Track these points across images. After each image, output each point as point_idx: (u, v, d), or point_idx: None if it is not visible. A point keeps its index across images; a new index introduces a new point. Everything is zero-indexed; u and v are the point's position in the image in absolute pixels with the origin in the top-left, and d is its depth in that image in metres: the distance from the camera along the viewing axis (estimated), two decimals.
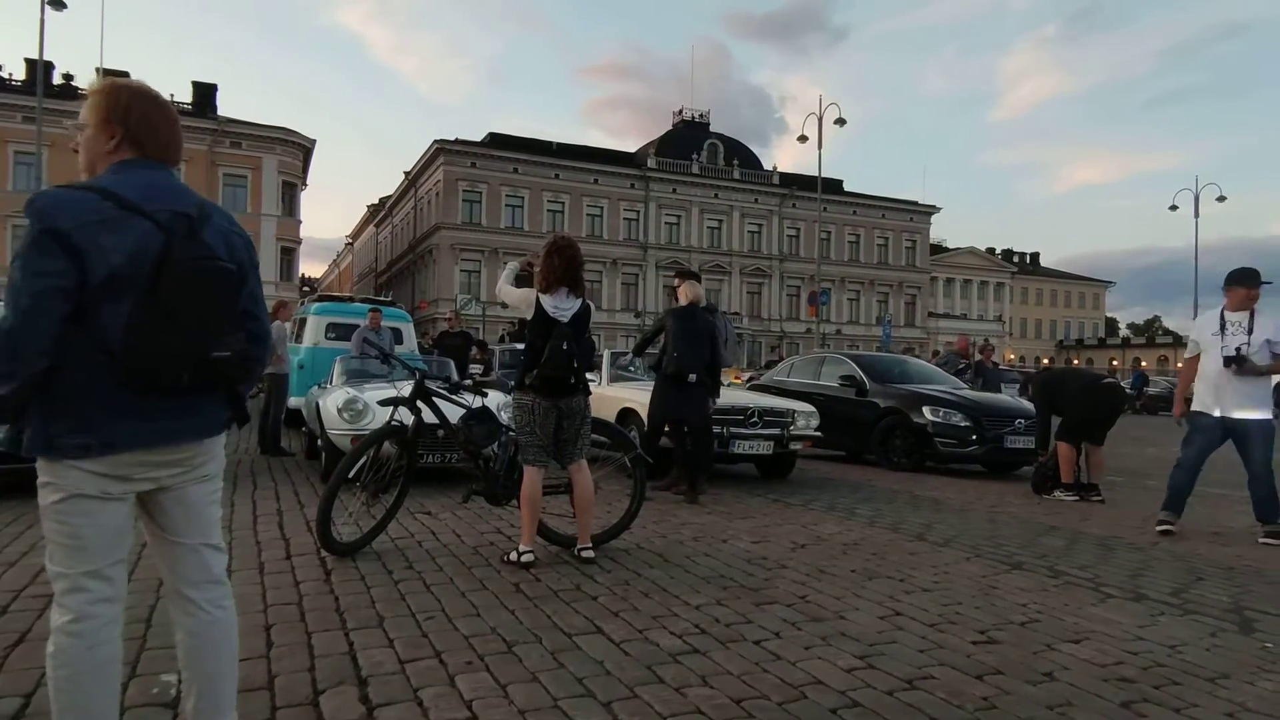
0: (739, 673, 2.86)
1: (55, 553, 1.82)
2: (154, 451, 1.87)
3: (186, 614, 2.02)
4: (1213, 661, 3.17)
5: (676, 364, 6.74)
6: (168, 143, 1.96)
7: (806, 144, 28.81)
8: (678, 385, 6.76)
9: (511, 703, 2.54)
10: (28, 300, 1.68)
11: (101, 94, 1.91)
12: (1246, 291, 5.73)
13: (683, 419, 6.80)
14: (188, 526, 2.00)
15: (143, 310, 1.75)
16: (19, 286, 1.69)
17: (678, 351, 6.75)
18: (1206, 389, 5.80)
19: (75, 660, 1.80)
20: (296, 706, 2.48)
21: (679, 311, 7.02)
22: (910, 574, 4.43)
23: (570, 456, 4.52)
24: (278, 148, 42.34)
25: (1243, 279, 5.78)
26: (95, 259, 1.71)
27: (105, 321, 1.74)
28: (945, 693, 2.74)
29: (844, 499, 7.18)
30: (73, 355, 1.74)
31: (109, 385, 1.77)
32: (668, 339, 6.93)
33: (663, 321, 7.16)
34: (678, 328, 6.88)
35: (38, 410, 1.76)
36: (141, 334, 1.75)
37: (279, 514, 5.60)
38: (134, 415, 1.81)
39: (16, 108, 35.77)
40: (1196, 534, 5.99)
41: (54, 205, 1.73)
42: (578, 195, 51.18)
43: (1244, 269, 5.85)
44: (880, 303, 60.27)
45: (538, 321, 4.41)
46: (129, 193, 1.81)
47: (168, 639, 2.98)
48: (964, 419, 9.30)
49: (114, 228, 1.75)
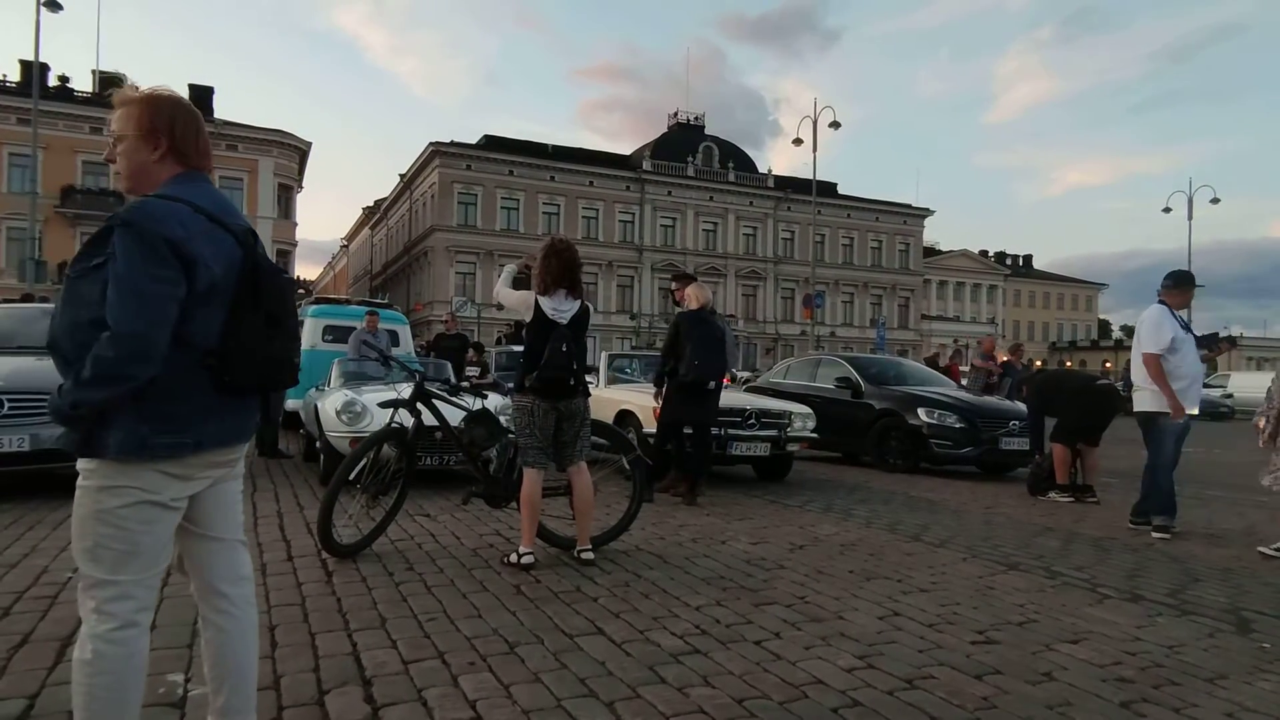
0: (740, 672, 2.88)
1: (104, 558, 1.81)
2: (225, 450, 1.96)
3: (218, 611, 2.05)
4: (1211, 661, 3.19)
5: (698, 372, 6.63)
6: (206, 152, 2.00)
7: (801, 147, 28.92)
8: (693, 391, 6.68)
9: (515, 703, 2.55)
10: (152, 306, 1.72)
11: (142, 104, 1.91)
12: (1185, 293, 6.10)
13: (697, 422, 6.77)
14: (224, 522, 2.06)
15: (250, 317, 1.86)
16: (142, 291, 1.71)
17: (698, 359, 6.61)
18: (1186, 387, 5.82)
19: (117, 668, 1.81)
20: (302, 706, 2.49)
21: (692, 317, 6.86)
22: (908, 574, 4.46)
23: (570, 458, 4.53)
24: (274, 150, 42.29)
25: (1186, 280, 6.10)
26: (201, 268, 1.78)
27: (197, 328, 1.81)
28: (945, 692, 2.76)
29: (841, 500, 7.20)
30: (168, 359, 1.78)
31: (198, 387, 1.84)
32: (683, 345, 6.72)
33: (677, 327, 6.92)
34: (695, 334, 6.72)
35: (130, 412, 1.77)
36: (253, 339, 1.87)
37: (279, 516, 5.60)
38: (216, 415, 1.90)
39: (11, 109, 35.70)
40: (1193, 535, 6.02)
41: (165, 214, 1.77)
42: (573, 198, 51.19)
43: (1184, 271, 6.20)
44: (874, 305, 60.40)
45: (536, 324, 4.43)
46: (207, 206, 1.87)
47: (175, 639, 3.01)
48: (959, 421, 9.34)
49: (211, 239, 1.84)
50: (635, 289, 52.43)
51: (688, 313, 6.93)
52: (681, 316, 6.95)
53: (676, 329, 6.89)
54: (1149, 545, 5.56)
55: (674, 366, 6.77)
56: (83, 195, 38.36)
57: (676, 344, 6.78)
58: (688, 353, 6.66)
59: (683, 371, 6.66)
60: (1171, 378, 5.79)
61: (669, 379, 6.83)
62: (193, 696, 2.52)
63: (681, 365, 6.67)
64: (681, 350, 6.71)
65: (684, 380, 6.67)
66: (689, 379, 6.65)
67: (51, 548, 4.45)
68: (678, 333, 6.83)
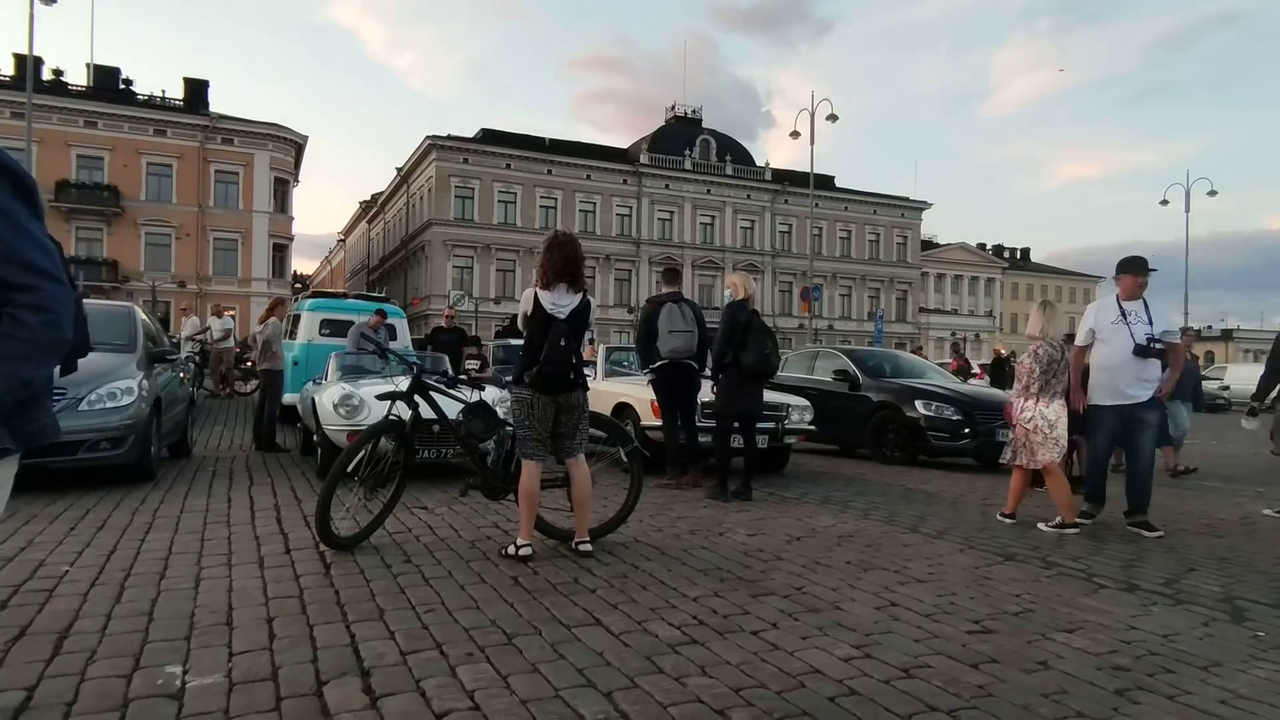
0: (737, 662, 2.89)
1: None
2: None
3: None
4: (1205, 650, 3.21)
5: (767, 360, 6.67)
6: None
7: (798, 140, 28.85)
8: (744, 381, 6.65)
9: (513, 693, 2.56)
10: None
11: None
12: (1135, 279, 5.80)
13: (747, 414, 6.79)
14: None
15: None
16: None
17: (756, 353, 6.57)
18: (1109, 378, 5.73)
19: None
20: (301, 697, 2.49)
21: (743, 306, 6.78)
22: (905, 565, 4.47)
23: (568, 451, 4.53)
24: (270, 144, 42.16)
25: (1133, 267, 5.84)
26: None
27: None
28: (941, 681, 2.77)
29: (838, 492, 7.22)
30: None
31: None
32: (737, 334, 6.62)
33: (733, 317, 6.73)
34: (752, 323, 6.68)
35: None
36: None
37: (276, 509, 5.60)
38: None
39: (5, 103, 35.50)
40: (1188, 526, 6.04)
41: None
42: (570, 191, 51.11)
43: (1134, 257, 5.94)
44: (872, 298, 60.39)
45: (536, 318, 4.42)
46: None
47: (172, 632, 3.02)
48: (956, 413, 9.36)
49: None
50: (633, 283, 52.35)
51: (737, 302, 6.85)
52: (736, 306, 6.81)
53: (733, 319, 6.71)
54: (1143, 535, 5.56)
55: (734, 357, 6.65)
56: (77, 189, 38.23)
57: (733, 334, 6.66)
58: (747, 342, 6.59)
59: (750, 359, 6.57)
60: (1097, 367, 5.80)
61: (724, 370, 6.72)
62: (190, 688, 2.53)
63: (745, 352, 6.58)
64: (737, 340, 6.62)
65: (746, 370, 6.60)
66: (754, 369, 6.62)
67: (48, 541, 4.45)
68: (735, 323, 6.69)
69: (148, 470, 6.69)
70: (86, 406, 6.02)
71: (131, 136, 39.24)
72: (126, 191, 39.07)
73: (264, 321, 9.98)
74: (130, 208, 39.16)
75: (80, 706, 2.37)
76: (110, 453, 6.15)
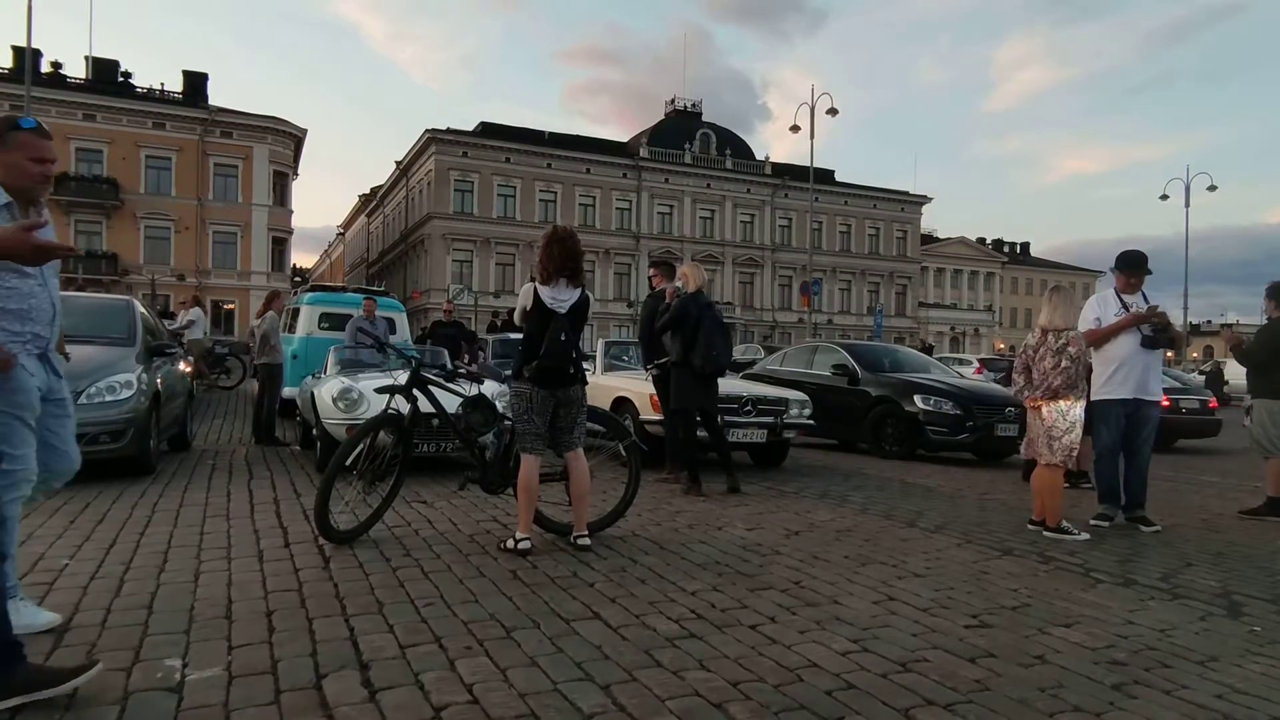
0: (735, 656, 2.90)
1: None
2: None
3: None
4: (1202, 645, 3.22)
5: (716, 360, 6.54)
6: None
7: (798, 134, 28.77)
8: (700, 376, 6.55)
9: (511, 686, 2.57)
10: None
11: None
12: (1127, 277, 5.82)
13: (705, 409, 6.74)
14: None
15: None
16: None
17: (715, 348, 6.49)
18: (1124, 373, 5.68)
19: None
20: (300, 690, 2.50)
21: (697, 299, 6.64)
22: (902, 560, 4.48)
23: (567, 445, 4.54)
24: (269, 137, 42.08)
25: (1135, 263, 5.86)
26: None
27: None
28: (938, 675, 2.78)
29: (837, 486, 7.23)
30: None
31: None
32: (689, 329, 6.50)
33: (684, 309, 6.56)
34: (705, 316, 6.56)
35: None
36: None
37: (275, 503, 5.61)
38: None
39: (4, 96, 35.37)
40: (1185, 521, 6.05)
41: None
42: (570, 185, 51.05)
43: (1135, 252, 5.95)
44: (871, 293, 60.36)
45: (536, 313, 4.42)
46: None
47: (172, 625, 3.03)
48: (955, 407, 9.36)
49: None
50: (633, 277, 52.31)
51: (691, 294, 6.66)
52: (688, 299, 6.63)
53: (683, 313, 6.55)
54: (1141, 530, 5.57)
55: (682, 352, 6.51)
56: (76, 182, 38.14)
57: (681, 327, 6.53)
58: (700, 338, 6.46)
59: (699, 362, 6.46)
60: (1105, 361, 5.76)
61: (676, 365, 6.57)
62: (190, 681, 2.53)
63: (695, 351, 6.45)
64: (688, 334, 6.49)
65: (700, 367, 6.48)
66: (706, 368, 6.51)
67: (47, 534, 4.46)
68: (684, 318, 6.54)
69: (147, 464, 6.69)
70: (85, 400, 6.01)
71: (131, 129, 39.15)
72: (126, 184, 39.00)
73: (261, 315, 9.98)
74: (129, 201, 39.11)
75: (80, 699, 2.38)
76: (109, 446, 6.15)
